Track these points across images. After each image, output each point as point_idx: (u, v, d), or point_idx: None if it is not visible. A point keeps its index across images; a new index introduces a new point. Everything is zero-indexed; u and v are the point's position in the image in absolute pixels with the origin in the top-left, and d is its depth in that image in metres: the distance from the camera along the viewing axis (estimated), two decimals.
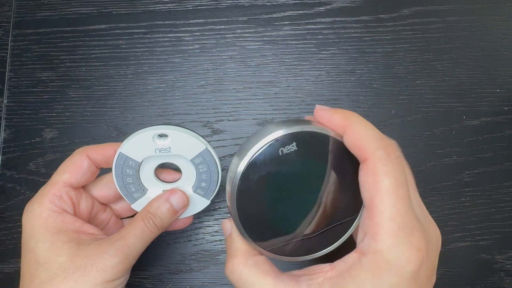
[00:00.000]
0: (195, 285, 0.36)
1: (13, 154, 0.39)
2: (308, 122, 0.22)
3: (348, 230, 0.24)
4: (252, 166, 0.21)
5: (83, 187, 0.30)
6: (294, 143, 0.21)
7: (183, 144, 0.28)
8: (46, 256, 0.26)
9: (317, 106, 0.23)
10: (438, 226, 0.36)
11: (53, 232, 0.26)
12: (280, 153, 0.21)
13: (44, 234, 0.26)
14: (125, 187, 0.30)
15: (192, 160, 0.29)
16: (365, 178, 0.21)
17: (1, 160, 0.39)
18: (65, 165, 0.29)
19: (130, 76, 0.40)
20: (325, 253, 0.24)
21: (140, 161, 0.29)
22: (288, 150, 0.21)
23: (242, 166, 0.22)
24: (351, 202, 0.23)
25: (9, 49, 0.41)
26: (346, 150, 0.22)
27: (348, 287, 0.20)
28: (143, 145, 0.28)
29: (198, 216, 0.37)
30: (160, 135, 0.28)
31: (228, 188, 0.23)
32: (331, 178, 0.22)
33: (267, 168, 0.22)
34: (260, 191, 0.22)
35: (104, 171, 0.31)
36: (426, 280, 0.21)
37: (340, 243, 0.24)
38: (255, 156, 0.21)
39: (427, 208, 0.36)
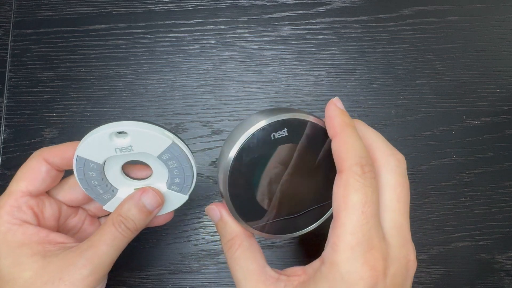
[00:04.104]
0: (195, 285, 0.36)
1: (13, 154, 0.39)
2: (296, 111, 0.23)
3: (327, 211, 0.26)
4: (244, 150, 0.22)
5: (47, 193, 0.28)
6: (285, 129, 0.23)
7: (145, 141, 0.25)
8: (10, 273, 0.24)
9: (336, 98, 0.23)
10: (438, 226, 0.36)
11: (14, 247, 0.24)
12: (272, 138, 0.23)
13: (5, 250, 0.24)
14: (91, 189, 0.27)
15: (159, 157, 0.26)
16: (336, 189, 0.21)
17: (1, 160, 0.39)
18: (21, 171, 0.26)
19: (130, 76, 0.40)
20: (306, 231, 0.26)
21: (101, 162, 0.26)
22: (279, 135, 0.23)
23: (234, 150, 0.22)
24: (331, 186, 0.24)
25: (9, 49, 0.41)
26: (330, 141, 0.23)
27: None
28: (100, 146, 0.25)
29: (198, 216, 0.37)
30: (119, 133, 0.25)
31: (220, 173, 0.24)
32: (315, 164, 0.24)
33: (258, 152, 0.23)
34: (250, 174, 0.23)
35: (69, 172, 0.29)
36: None
37: (319, 223, 0.26)
38: (247, 140, 0.22)
39: (427, 208, 0.37)
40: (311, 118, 0.23)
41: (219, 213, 0.25)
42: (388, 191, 0.22)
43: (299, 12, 0.40)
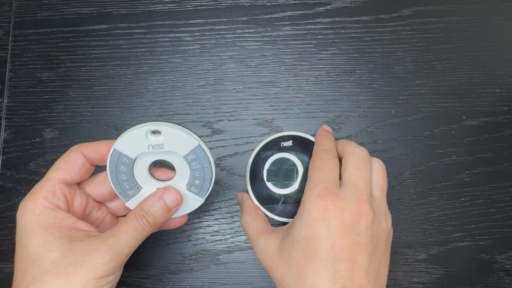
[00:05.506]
0: (195, 285, 0.36)
1: (13, 154, 0.39)
2: (299, 132, 0.34)
3: None
4: (261, 151, 0.33)
5: (78, 185, 0.30)
6: (291, 141, 0.33)
7: (175, 141, 0.28)
8: (38, 252, 0.26)
9: (324, 126, 0.35)
10: (438, 226, 0.37)
11: (45, 228, 0.27)
12: (281, 145, 0.33)
13: (37, 230, 0.26)
14: (119, 184, 0.30)
15: (185, 157, 0.29)
16: (309, 163, 0.31)
17: (1, 160, 0.39)
18: (59, 162, 0.29)
19: (130, 76, 0.40)
20: None
21: (133, 157, 0.29)
22: (286, 144, 0.33)
23: (254, 152, 0.33)
24: None
25: (9, 49, 0.41)
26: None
27: (290, 227, 0.29)
28: (136, 142, 0.28)
29: (198, 216, 0.37)
30: (154, 132, 0.28)
31: (246, 168, 0.34)
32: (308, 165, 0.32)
33: (271, 152, 0.33)
34: (264, 168, 0.33)
35: (99, 170, 0.31)
36: (336, 228, 0.26)
37: None
38: (264, 145, 0.33)
39: (427, 208, 0.37)
40: (312, 138, 0.33)
41: (242, 196, 0.34)
42: (351, 165, 0.29)
43: (299, 12, 0.40)
